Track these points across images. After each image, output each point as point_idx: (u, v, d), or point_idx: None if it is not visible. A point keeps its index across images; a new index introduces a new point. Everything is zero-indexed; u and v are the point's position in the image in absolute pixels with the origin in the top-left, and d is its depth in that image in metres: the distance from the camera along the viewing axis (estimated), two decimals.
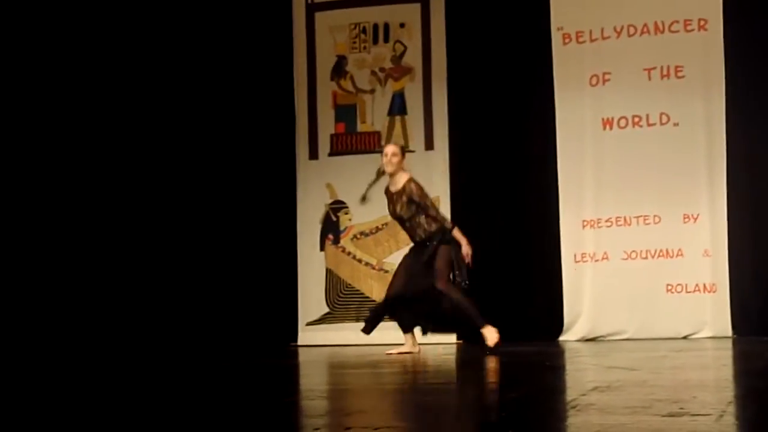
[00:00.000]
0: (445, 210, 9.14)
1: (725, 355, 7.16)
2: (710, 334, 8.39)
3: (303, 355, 8.44)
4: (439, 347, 8.44)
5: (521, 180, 9.04)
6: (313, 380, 6.43)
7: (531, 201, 9.02)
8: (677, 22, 8.63)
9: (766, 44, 8.50)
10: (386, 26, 9.44)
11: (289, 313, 9.43)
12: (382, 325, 9.10)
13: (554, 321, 8.77)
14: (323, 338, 9.22)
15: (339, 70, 9.51)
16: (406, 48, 9.38)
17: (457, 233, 7.47)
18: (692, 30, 8.59)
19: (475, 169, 9.19)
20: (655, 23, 8.68)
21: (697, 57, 8.58)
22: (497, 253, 9.06)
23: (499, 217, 9.10)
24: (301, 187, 9.51)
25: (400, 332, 7.88)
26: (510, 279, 9.04)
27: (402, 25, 9.39)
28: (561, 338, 8.69)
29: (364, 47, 9.47)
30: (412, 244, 7.84)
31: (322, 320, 9.39)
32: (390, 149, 7.65)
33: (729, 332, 8.38)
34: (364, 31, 9.47)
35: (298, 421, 3.96)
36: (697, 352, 7.16)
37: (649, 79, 8.64)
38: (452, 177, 9.16)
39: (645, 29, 8.70)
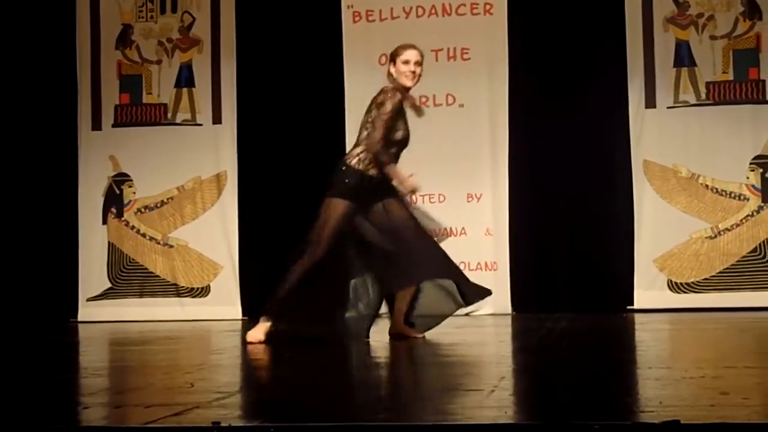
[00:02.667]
0: (231, 186, 9.08)
1: (504, 331, 7.38)
2: (491, 311, 8.60)
3: (83, 332, 8.22)
4: (223, 323, 8.39)
5: (310, 156, 9.01)
6: (90, 357, 6.25)
7: (318, 178, 8.97)
8: (464, 5, 8.80)
9: (548, 29, 8.81)
10: None
11: (70, 288, 9.14)
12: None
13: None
14: (105, 314, 8.98)
15: (124, 39, 9.24)
16: (194, 19, 9.19)
17: None
18: (478, 14, 8.78)
19: (263, 144, 9.13)
20: (443, 5, 8.82)
21: (482, 40, 8.77)
22: (283, 229, 9.01)
23: (285, 193, 9.06)
24: (83, 159, 9.20)
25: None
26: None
27: None
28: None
29: (151, 17, 9.23)
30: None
31: (103, 296, 9.15)
32: (418, 55, 6.21)
33: (509, 309, 8.63)
34: (151, 0, 9.23)
35: (69, 398, 3.83)
36: (477, 329, 7.34)
37: (436, 60, 8.76)
38: (240, 151, 9.07)
39: (433, 11, 8.83)
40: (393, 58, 6.21)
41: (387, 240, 5.96)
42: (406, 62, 6.15)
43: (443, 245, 6.27)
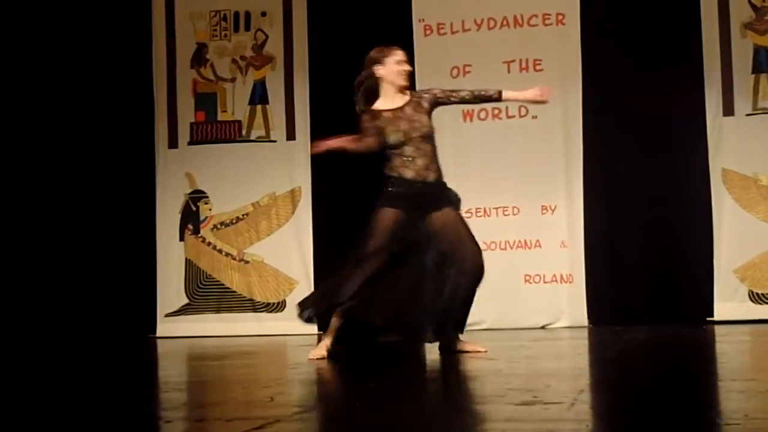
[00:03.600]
0: (305, 202, 9.13)
1: (581, 344, 7.30)
2: (567, 324, 8.55)
3: (162, 347, 8.30)
4: (299, 338, 8.42)
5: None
6: (170, 372, 6.32)
7: None
8: (536, 16, 8.76)
9: (622, 39, 8.71)
10: (247, 14, 9.33)
11: (148, 304, 9.26)
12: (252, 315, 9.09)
13: None
14: (183, 329, 9.09)
15: (199, 57, 9.36)
16: (267, 37, 9.29)
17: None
18: (550, 24, 8.73)
19: (336, 160, 9.13)
20: (515, 17, 8.80)
21: (555, 51, 8.72)
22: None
23: (360, 208, 9.06)
24: (160, 177, 9.34)
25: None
26: None
27: (263, 14, 9.30)
28: None
29: (225, 35, 9.35)
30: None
31: (181, 311, 9.25)
32: (403, 55, 6.19)
33: (585, 322, 8.55)
34: (224, 18, 9.34)
35: (151, 413, 3.87)
36: (553, 342, 7.28)
37: (509, 71, 8.74)
38: (314, 167, 9.12)
39: (505, 22, 8.81)
40: (380, 60, 6.13)
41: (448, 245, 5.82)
42: (399, 62, 6.11)
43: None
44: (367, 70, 6.18)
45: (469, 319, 8.57)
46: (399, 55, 6.12)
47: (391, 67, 6.10)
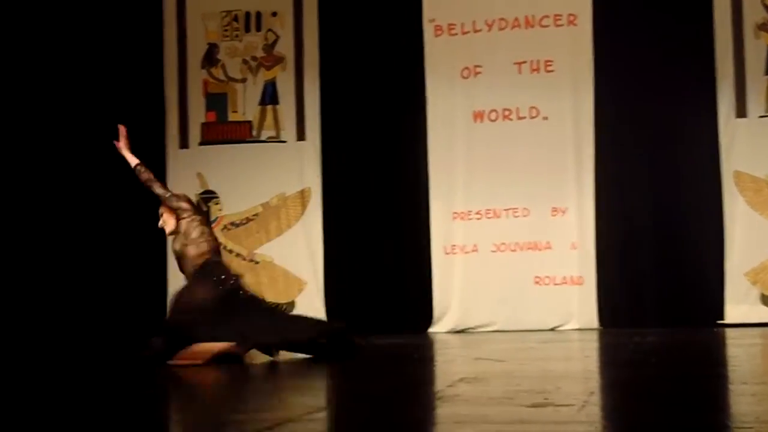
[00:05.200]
0: (315, 202, 9.12)
1: (591, 346, 7.28)
2: (577, 326, 8.52)
3: None
4: None
5: (393, 171, 9.03)
6: (182, 372, 6.29)
7: (402, 192, 9.03)
8: (547, 16, 8.74)
9: (634, 40, 8.67)
10: (258, 15, 9.32)
11: (159, 303, 9.24)
12: None
13: (424, 313, 8.80)
14: None
15: (210, 58, 9.36)
16: (278, 37, 9.28)
17: None
18: (562, 25, 8.71)
19: (346, 160, 9.16)
20: (526, 17, 8.77)
21: (567, 52, 8.69)
22: (368, 245, 9.06)
23: (369, 209, 9.08)
24: (171, 177, 9.31)
25: None
26: (379, 270, 9.03)
27: (274, 14, 9.29)
28: (430, 330, 8.71)
29: (236, 35, 9.35)
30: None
31: None
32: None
33: (595, 324, 8.52)
34: (236, 18, 9.34)
35: (164, 413, 3.87)
36: (563, 344, 7.26)
37: (520, 72, 8.73)
38: (324, 167, 9.11)
39: (516, 23, 8.79)
40: None
41: None
42: None
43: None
44: None
45: (480, 321, 8.63)
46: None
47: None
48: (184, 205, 6.41)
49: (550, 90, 8.67)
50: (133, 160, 6.67)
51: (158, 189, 6.50)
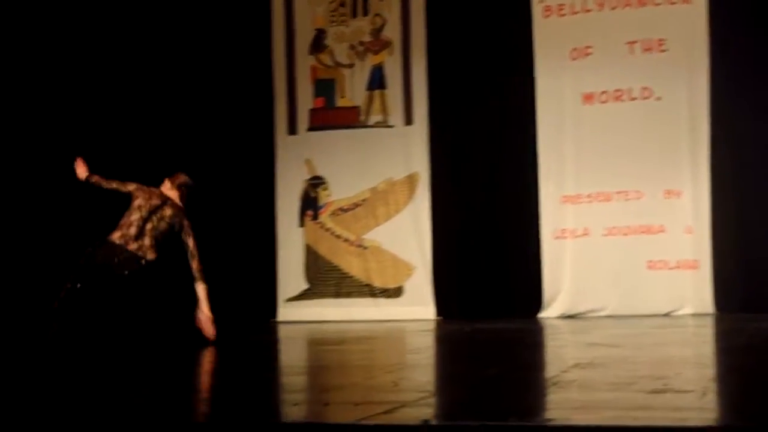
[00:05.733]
0: (423, 187, 9.08)
1: (706, 332, 7.12)
2: (691, 311, 8.34)
3: (283, 332, 8.37)
4: (416, 323, 8.40)
5: (501, 155, 8.95)
6: (292, 356, 6.36)
7: (511, 176, 8.94)
8: None
9: (751, 17, 8.41)
10: None
11: (269, 289, 9.34)
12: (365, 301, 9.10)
13: (533, 298, 8.71)
14: (303, 314, 9.14)
15: (318, 44, 9.39)
16: (385, 21, 9.26)
17: None
18: (675, 2, 8.48)
19: (455, 144, 9.10)
20: None
21: (680, 30, 8.48)
22: (476, 229, 9.00)
23: (478, 193, 9.02)
24: (280, 163, 9.40)
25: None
26: (489, 255, 8.97)
27: None
28: (540, 315, 8.62)
29: (343, 20, 9.35)
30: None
31: (301, 296, 9.31)
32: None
33: (710, 309, 8.32)
34: (343, 4, 9.34)
35: (277, 396, 3.89)
36: (678, 329, 7.11)
37: (632, 52, 8.55)
38: (432, 152, 9.07)
39: (627, 2, 8.59)
40: None
41: None
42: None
43: None
44: None
45: (591, 305, 8.51)
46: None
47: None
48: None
49: (664, 70, 8.45)
50: (85, 176, 7.05)
51: (124, 188, 6.97)
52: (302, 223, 9.32)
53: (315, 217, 9.31)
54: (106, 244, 6.77)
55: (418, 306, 8.97)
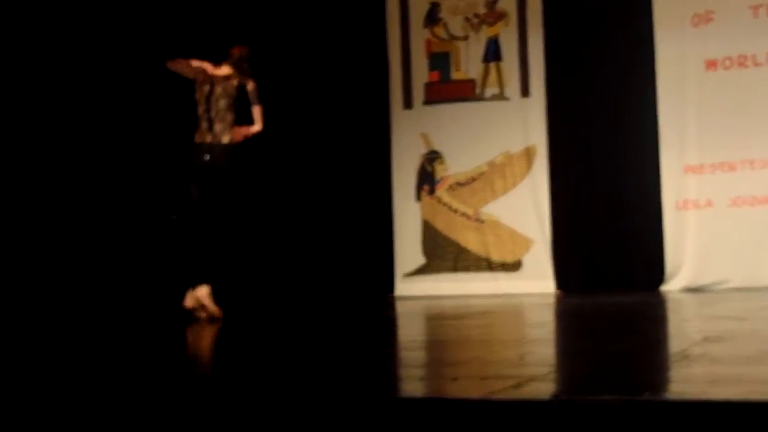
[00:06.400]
0: (541, 160, 8.99)
1: None
2: None
3: (400, 307, 8.38)
4: (536, 297, 8.33)
5: (621, 125, 8.80)
6: (411, 331, 6.36)
7: (631, 146, 8.79)
8: None
9: None
10: None
11: (387, 264, 9.37)
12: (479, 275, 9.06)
13: (655, 270, 8.55)
14: (420, 289, 9.15)
15: (432, 17, 9.34)
16: None
17: None
18: None
19: (572, 115, 8.98)
20: None
21: None
22: (596, 201, 8.88)
23: (597, 164, 8.89)
24: (395, 137, 9.40)
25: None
26: (609, 227, 8.85)
27: None
28: (662, 288, 8.47)
29: None
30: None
31: (419, 271, 9.31)
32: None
33: None
34: None
35: (399, 371, 3.89)
36: None
37: (756, 17, 8.30)
38: (549, 124, 8.97)
39: None
40: None
41: None
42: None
43: None
44: None
45: (715, 278, 8.31)
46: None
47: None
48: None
49: None
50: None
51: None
52: (419, 198, 9.31)
53: (432, 192, 9.29)
54: (192, 148, 6.86)
55: (537, 280, 8.89)
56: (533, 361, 3.93)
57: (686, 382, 3.33)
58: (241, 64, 6.96)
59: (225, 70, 6.94)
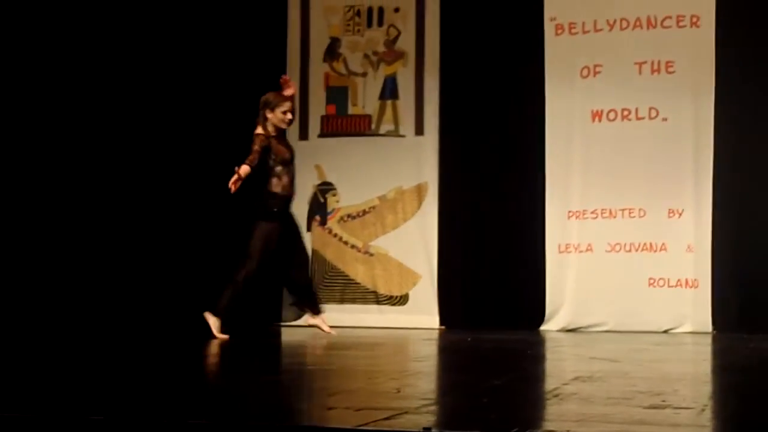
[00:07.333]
0: (432, 197, 9.19)
1: (705, 350, 7.23)
2: (690, 329, 8.44)
3: (286, 335, 8.47)
4: (420, 332, 8.50)
5: (509, 168, 9.07)
6: (295, 360, 6.46)
7: (518, 190, 9.06)
8: (670, 17, 8.65)
9: (757, 43, 8.54)
10: (381, 10, 9.42)
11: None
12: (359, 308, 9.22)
13: (536, 310, 8.82)
14: (307, 318, 9.21)
15: (332, 52, 9.51)
16: (399, 32, 9.37)
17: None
18: (684, 26, 8.61)
19: (464, 156, 9.22)
20: (648, 17, 8.70)
21: (688, 53, 8.60)
22: (482, 240, 9.12)
23: (486, 205, 9.14)
24: None
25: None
26: (494, 267, 9.09)
27: (396, 10, 9.38)
28: (542, 327, 8.73)
29: (358, 30, 9.47)
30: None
31: None
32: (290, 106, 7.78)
33: (709, 328, 8.43)
34: (358, 14, 9.46)
35: (281, 399, 3.99)
36: (677, 347, 7.23)
37: (640, 73, 8.67)
38: (441, 163, 9.19)
39: (638, 23, 8.72)
40: (272, 108, 7.67)
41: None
42: (285, 112, 7.67)
43: None
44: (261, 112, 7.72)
45: (592, 320, 8.62)
46: (286, 106, 7.71)
47: (277, 115, 7.69)
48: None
49: (671, 91, 8.57)
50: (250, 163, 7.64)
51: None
52: (309, 228, 9.41)
53: (323, 223, 9.42)
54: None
55: (422, 315, 9.07)
56: (410, 393, 4.08)
57: (556, 420, 3.52)
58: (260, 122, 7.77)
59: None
